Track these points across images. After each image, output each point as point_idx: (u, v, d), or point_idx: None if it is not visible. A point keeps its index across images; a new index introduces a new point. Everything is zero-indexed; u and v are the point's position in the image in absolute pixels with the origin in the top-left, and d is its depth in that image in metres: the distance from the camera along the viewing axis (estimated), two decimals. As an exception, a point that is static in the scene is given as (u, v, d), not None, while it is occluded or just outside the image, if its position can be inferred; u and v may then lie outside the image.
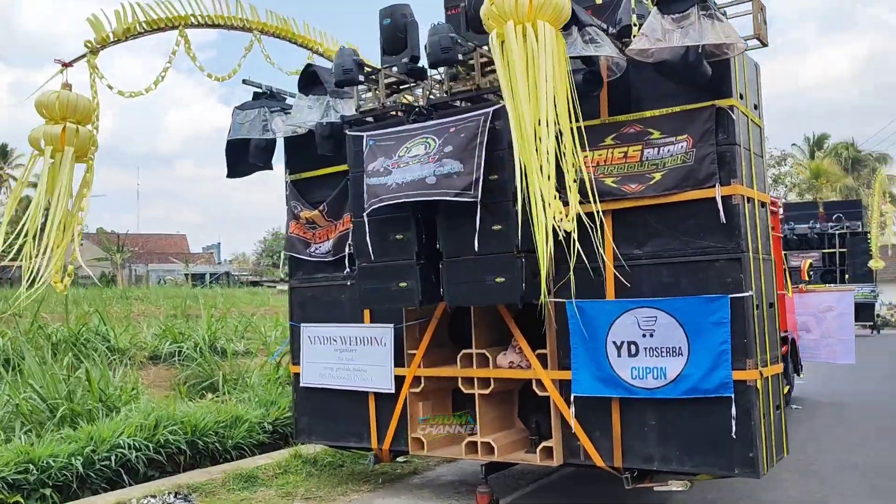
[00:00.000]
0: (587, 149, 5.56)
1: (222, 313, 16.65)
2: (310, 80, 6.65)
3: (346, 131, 6.17)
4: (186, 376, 12.09)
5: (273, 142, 7.04)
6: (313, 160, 7.15)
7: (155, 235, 59.84)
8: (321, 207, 6.96)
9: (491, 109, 5.42)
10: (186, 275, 42.99)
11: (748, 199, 5.32)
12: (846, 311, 11.26)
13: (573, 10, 4.80)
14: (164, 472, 7.24)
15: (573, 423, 5.65)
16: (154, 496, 6.25)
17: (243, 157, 7.18)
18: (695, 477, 5.45)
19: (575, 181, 4.74)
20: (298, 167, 7.30)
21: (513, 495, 6.69)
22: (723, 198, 5.16)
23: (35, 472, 6.23)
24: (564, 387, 5.75)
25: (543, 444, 5.85)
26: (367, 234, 5.97)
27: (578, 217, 4.88)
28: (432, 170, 5.49)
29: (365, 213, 5.92)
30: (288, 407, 9.04)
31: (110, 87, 6.14)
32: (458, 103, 5.92)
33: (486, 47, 5.56)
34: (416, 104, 5.99)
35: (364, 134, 6.01)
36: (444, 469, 7.83)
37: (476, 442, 6.08)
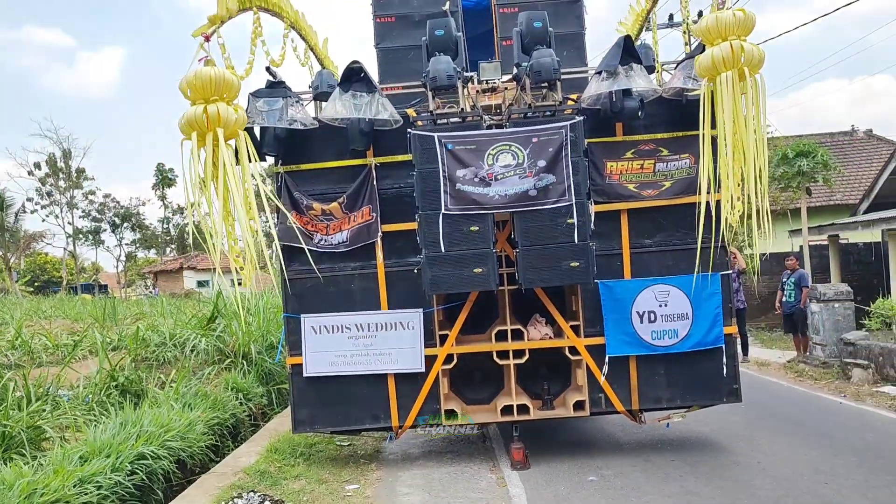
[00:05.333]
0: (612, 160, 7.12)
1: None
2: (350, 77, 6.83)
3: (411, 130, 6.62)
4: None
5: (292, 132, 6.96)
6: (309, 152, 7.29)
7: None
8: (340, 200, 7.13)
9: (568, 123, 6.53)
10: None
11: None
12: None
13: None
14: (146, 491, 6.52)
15: (602, 379, 7.08)
16: None
17: (255, 145, 6.93)
18: (689, 409, 7.32)
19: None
20: (293, 159, 7.31)
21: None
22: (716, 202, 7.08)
23: None
24: (592, 351, 7.13)
25: (577, 398, 7.13)
26: (441, 227, 6.55)
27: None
28: (532, 184, 6.45)
29: (444, 211, 6.53)
30: (207, 407, 8.56)
31: (231, 68, 5.56)
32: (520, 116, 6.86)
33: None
34: (483, 115, 6.75)
35: (435, 135, 6.56)
36: (393, 446, 8.34)
37: (511, 405, 7.09)
